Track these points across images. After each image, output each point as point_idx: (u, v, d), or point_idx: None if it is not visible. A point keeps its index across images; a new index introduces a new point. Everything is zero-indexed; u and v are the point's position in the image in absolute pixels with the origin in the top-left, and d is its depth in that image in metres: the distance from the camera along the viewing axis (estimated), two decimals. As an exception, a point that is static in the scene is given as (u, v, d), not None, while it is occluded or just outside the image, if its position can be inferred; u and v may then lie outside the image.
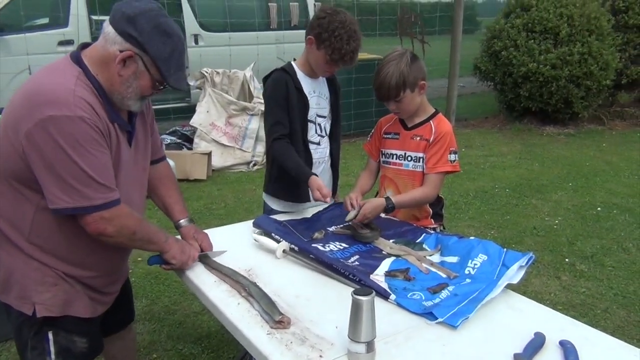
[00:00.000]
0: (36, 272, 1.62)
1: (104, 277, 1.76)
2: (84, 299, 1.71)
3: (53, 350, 1.68)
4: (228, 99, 6.00)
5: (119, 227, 1.60)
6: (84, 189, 1.50)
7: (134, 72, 1.57)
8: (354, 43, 2.16)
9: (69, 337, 1.70)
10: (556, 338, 1.47)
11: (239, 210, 4.63)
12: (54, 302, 1.65)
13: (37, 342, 1.68)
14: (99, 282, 1.75)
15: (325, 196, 2.08)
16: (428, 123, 2.18)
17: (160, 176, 1.99)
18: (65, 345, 1.70)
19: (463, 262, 1.84)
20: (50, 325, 1.67)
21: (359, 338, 1.35)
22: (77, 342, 1.72)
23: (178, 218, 2.00)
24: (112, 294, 1.87)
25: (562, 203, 4.84)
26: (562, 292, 3.32)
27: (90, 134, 1.50)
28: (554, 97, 7.12)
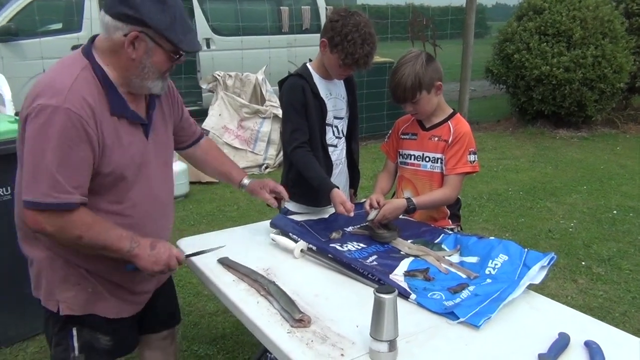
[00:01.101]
0: (61, 270, 1.62)
1: (130, 274, 1.71)
2: (108, 299, 1.70)
3: (77, 345, 1.69)
4: (240, 102, 6.02)
5: (59, 227, 1.48)
6: (39, 181, 1.44)
7: (145, 51, 1.53)
8: (368, 47, 2.11)
9: (93, 334, 1.71)
10: (581, 339, 1.45)
11: (251, 213, 4.63)
12: (76, 302, 1.65)
13: (61, 338, 1.70)
14: (125, 280, 1.72)
15: (349, 211, 2.07)
16: (446, 123, 2.17)
17: (206, 150, 2.03)
18: (89, 342, 1.70)
19: (483, 262, 1.82)
20: (75, 322, 1.68)
21: (381, 337, 1.34)
22: (101, 339, 1.72)
23: (238, 179, 2.07)
24: (144, 294, 1.82)
25: (577, 206, 4.80)
26: (579, 295, 3.29)
27: (72, 129, 1.44)
28: (567, 100, 7.07)
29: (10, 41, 6.15)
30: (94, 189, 1.55)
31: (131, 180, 1.62)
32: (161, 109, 1.76)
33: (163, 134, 1.77)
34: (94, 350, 1.72)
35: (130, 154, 1.59)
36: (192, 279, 3.37)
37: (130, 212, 1.64)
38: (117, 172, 1.57)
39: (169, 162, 1.82)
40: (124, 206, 1.63)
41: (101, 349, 1.73)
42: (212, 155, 2.07)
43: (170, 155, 1.84)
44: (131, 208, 1.64)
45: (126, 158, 1.59)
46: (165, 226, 1.81)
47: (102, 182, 1.56)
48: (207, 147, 2.06)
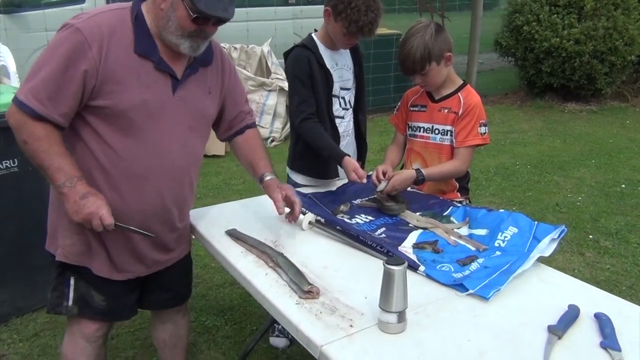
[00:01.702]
0: (66, 215, 1.62)
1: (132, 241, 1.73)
2: (101, 258, 1.71)
3: (72, 296, 1.74)
4: (246, 75, 5.96)
5: (17, 125, 1.53)
6: (28, 81, 1.52)
7: (171, 4, 1.55)
8: (372, 14, 2.08)
9: (89, 290, 1.74)
10: (590, 311, 1.45)
11: (257, 186, 4.61)
12: (72, 250, 1.69)
13: (58, 283, 1.75)
14: (127, 245, 1.73)
15: (362, 177, 2.06)
16: (456, 95, 2.13)
17: (247, 138, 1.97)
18: (84, 296, 1.74)
19: (493, 235, 1.81)
20: (74, 271, 1.72)
21: (391, 308, 1.34)
22: (95, 297, 1.75)
23: (262, 172, 1.96)
24: (148, 265, 1.81)
25: (585, 180, 4.76)
26: (586, 269, 3.29)
27: (73, 49, 1.50)
28: (577, 73, 6.96)
29: (14, 12, 6.08)
30: (102, 122, 1.58)
31: (139, 125, 1.60)
32: (205, 77, 1.75)
33: (198, 100, 1.73)
34: (88, 306, 1.75)
35: (143, 97, 1.59)
36: (200, 250, 3.37)
37: (127, 156, 1.62)
38: (119, 108, 1.56)
39: (197, 129, 1.76)
40: (124, 147, 1.61)
41: (94, 307, 1.75)
42: (249, 144, 1.98)
43: (202, 124, 1.79)
44: (130, 154, 1.62)
45: (136, 98, 1.58)
46: (176, 192, 1.75)
47: (107, 116, 1.57)
48: (249, 136, 1.99)
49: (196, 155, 1.81)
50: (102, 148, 1.61)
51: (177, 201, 1.77)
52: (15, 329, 2.64)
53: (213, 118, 1.85)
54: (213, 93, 1.79)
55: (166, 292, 1.96)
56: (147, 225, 1.71)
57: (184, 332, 2.14)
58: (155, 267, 1.84)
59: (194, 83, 1.71)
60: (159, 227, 1.76)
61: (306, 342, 1.36)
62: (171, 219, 1.79)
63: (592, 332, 1.38)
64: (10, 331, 2.64)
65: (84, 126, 1.60)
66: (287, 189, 1.92)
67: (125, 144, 1.61)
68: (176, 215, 1.80)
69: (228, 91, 1.86)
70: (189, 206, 1.88)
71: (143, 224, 1.69)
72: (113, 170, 1.62)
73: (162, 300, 1.99)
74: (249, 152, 1.98)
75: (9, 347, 2.54)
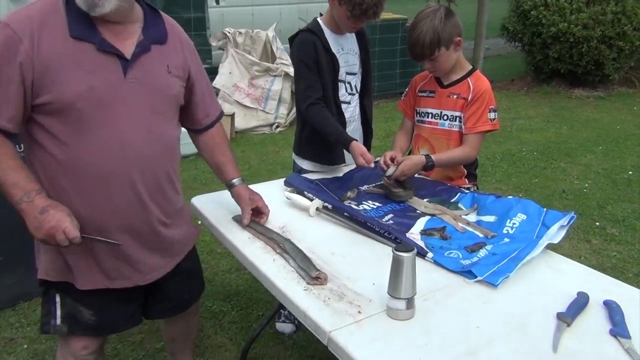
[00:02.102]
0: None
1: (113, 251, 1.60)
2: (88, 268, 1.59)
3: (59, 314, 1.65)
4: (251, 60, 5.92)
5: None
6: None
7: None
8: None
9: (76, 306, 1.64)
10: (599, 298, 1.44)
11: (262, 172, 4.62)
12: (53, 267, 1.61)
13: (44, 301, 1.68)
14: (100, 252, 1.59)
15: (369, 162, 2.04)
16: (465, 80, 2.11)
17: (212, 134, 1.85)
18: (72, 313, 1.64)
19: (501, 222, 1.80)
20: (58, 289, 1.63)
21: (399, 294, 1.34)
22: (84, 312, 1.64)
23: (230, 177, 1.87)
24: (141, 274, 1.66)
25: (592, 167, 4.74)
26: (592, 256, 3.28)
27: (4, 45, 1.39)
28: (584, 59, 6.89)
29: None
30: (53, 120, 1.45)
31: (91, 116, 1.46)
32: (161, 56, 1.59)
33: (157, 80, 1.58)
34: (77, 323, 1.65)
35: (89, 83, 1.44)
36: (206, 236, 3.38)
37: (87, 153, 1.48)
38: (65, 101, 1.43)
39: (161, 112, 1.60)
40: (81, 144, 1.47)
41: (84, 323, 1.65)
42: (215, 142, 1.86)
43: (166, 105, 1.62)
44: (89, 150, 1.48)
45: (80, 86, 1.43)
46: (150, 185, 1.59)
47: (56, 112, 1.44)
48: (215, 132, 1.86)
49: (167, 140, 1.63)
50: (60, 150, 1.47)
51: (155, 195, 1.61)
52: (23, 313, 2.66)
53: (179, 99, 1.67)
54: (174, 72, 1.62)
55: (170, 300, 1.87)
56: (127, 226, 1.58)
57: (195, 326, 2.12)
58: (152, 273, 1.70)
59: (149, 62, 1.55)
60: (141, 226, 1.61)
61: (314, 328, 1.36)
62: (153, 216, 1.62)
63: (602, 320, 1.37)
64: (18, 315, 2.66)
65: (38, 129, 1.48)
66: (258, 200, 1.89)
67: (82, 139, 1.47)
68: (157, 212, 1.63)
69: (195, 74, 1.72)
70: (172, 201, 1.70)
71: (122, 225, 1.57)
72: (77, 172, 1.49)
73: (165, 309, 1.90)
74: (216, 152, 1.87)
75: (17, 331, 2.56)
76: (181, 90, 1.67)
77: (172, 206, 1.71)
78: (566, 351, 1.26)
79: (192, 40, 1.78)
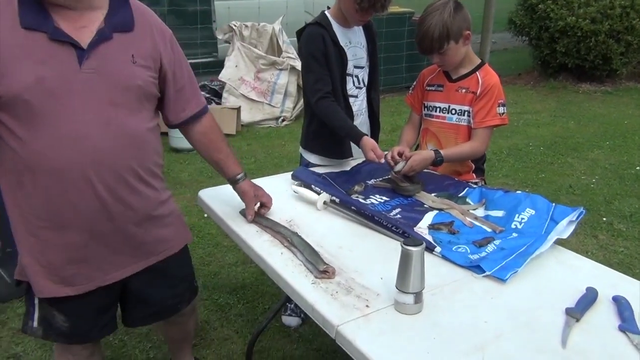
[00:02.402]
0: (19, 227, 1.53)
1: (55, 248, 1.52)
2: (41, 276, 1.53)
3: (36, 316, 1.62)
4: (257, 53, 5.91)
5: None
6: None
7: None
8: None
9: (50, 310, 1.60)
10: (609, 293, 1.44)
11: (268, 165, 4.62)
12: (21, 267, 1.56)
13: (26, 299, 1.66)
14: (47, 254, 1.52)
15: (380, 157, 2.04)
16: (474, 74, 2.10)
17: (205, 130, 1.77)
18: (46, 317, 1.61)
19: (509, 217, 1.79)
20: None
21: (408, 289, 1.34)
22: (57, 317, 1.60)
23: (234, 173, 1.83)
24: (86, 276, 1.56)
25: (599, 162, 4.71)
26: (599, 251, 3.27)
27: None
28: (592, 53, 6.84)
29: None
30: (7, 115, 1.40)
31: (41, 109, 1.39)
32: (125, 45, 1.50)
33: (118, 70, 1.49)
34: (51, 328, 1.62)
35: (38, 74, 1.37)
36: (212, 229, 3.40)
37: (42, 147, 1.41)
38: (12, 93, 1.36)
39: (123, 104, 1.50)
40: (35, 138, 1.41)
41: (57, 328, 1.61)
42: (209, 138, 1.79)
43: (128, 97, 1.51)
44: (44, 144, 1.41)
45: (28, 78, 1.37)
46: (111, 181, 1.50)
47: (7, 106, 1.39)
48: (207, 127, 1.78)
49: (129, 134, 1.52)
50: (17, 144, 1.41)
51: (118, 191, 1.52)
52: (31, 304, 2.67)
53: (146, 89, 1.56)
54: (141, 62, 1.52)
55: (149, 306, 1.78)
56: (87, 224, 1.50)
57: (192, 329, 2.09)
58: (115, 273, 1.61)
59: (110, 52, 1.46)
60: (102, 224, 1.52)
61: (322, 321, 1.36)
62: (116, 214, 1.53)
63: (611, 315, 1.37)
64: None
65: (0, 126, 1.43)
66: (262, 195, 1.87)
67: (36, 134, 1.40)
68: (122, 209, 1.54)
69: (168, 65, 1.61)
70: (145, 197, 1.59)
71: (82, 224, 1.50)
72: (34, 167, 1.43)
73: (146, 315, 1.81)
74: (210, 149, 1.80)
75: (25, 322, 2.58)
76: (149, 81, 1.56)
77: (145, 203, 1.60)
78: (575, 347, 1.25)
79: (199, 33, 1.72)
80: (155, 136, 1.63)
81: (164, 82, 1.63)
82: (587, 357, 1.22)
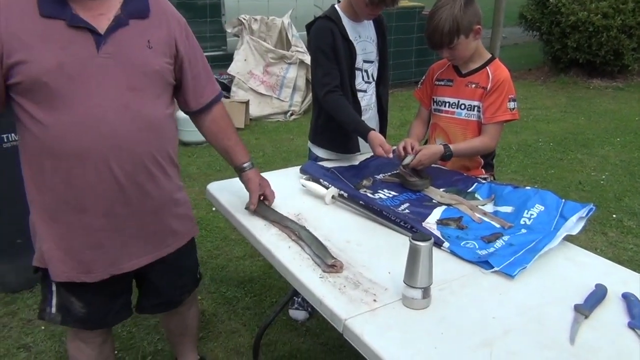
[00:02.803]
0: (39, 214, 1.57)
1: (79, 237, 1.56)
2: (61, 261, 1.56)
3: (55, 302, 1.66)
4: (266, 47, 5.91)
5: None
6: None
7: None
8: None
9: (68, 297, 1.64)
10: (618, 290, 1.43)
11: (277, 160, 4.63)
12: (40, 252, 1.59)
13: (42, 287, 1.69)
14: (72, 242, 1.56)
15: (388, 152, 2.03)
16: (484, 69, 2.08)
17: (217, 118, 1.79)
18: (65, 303, 1.65)
19: (518, 212, 1.78)
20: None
21: (415, 284, 1.33)
22: (75, 304, 1.64)
23: (241, 162, 1.85)
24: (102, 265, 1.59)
25: (609, 158, 4.68)
26: (608, 248, 3.25)
27: None
28: (604, 49, 6.80)
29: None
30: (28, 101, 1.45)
31: (61, 93, 1.43)
32: (141, 31, 1.54)
33: (134, 56, 1.52)
34: (69, 314, 1.66)
35: (59, 59, 1.41)
36: (220, 222, 3.41)
37: (61, 131, 1.45)
38: (33, 76, 1.40)
39: (140, 89, 1.53)
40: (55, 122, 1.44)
41: (75, 315, 1.66)
42: (218, 126, 1.81)
43: (146, 82, 1.54)
44: (63, 127, 1.45)
45: (49, 62, 1.40)
46: (130, 165, 1.53)
47: (29, 91, 1.43)
48: (218, 115, 1.80)
49: (147, 119, 1.54)
50: (38, 128, 1.45)
51: (136, 176, 1.55)
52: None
53: (164, 76, 1.59)
54: (156, 48, 1.55)
55: (160, 296, 1.84)
56: (106, 208, 1.53)
57: (192, 322, 2.08)
58: (130, 262, 1.64)
59: (126, 37, 1.50)
60: (120, 208, 1.55)
61: (330, 315, 1.36)
62: (133, 199, 1.56)
63: (620, 312, 1.36)
64: (35, 297, 2.70)
65: (19, 110, 1.48)
66: (266, 186, 1.89)
67: (56, 117, 1.44)
68: (140, 195, 1.57)
69: (184, 52, 1.64)
70: (162, 187, 1.63)
71: (100, 207, 1.53)
72: (54, 150, 1.47)
73: (155, 305, 1.87)
74: (220, 136, 1.82)
75: (35, 312, 2.60)
76: (166, 67, 1.59)
77: (161, 191, 1.63)
78: (583, 343, 1.25)
79: (208, 27, 1.73)
80: (172, 124, 1.67)
81: (180, 69, 1.65)
82: (595, 354, 1.22)
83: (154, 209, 1.63)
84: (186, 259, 1.85)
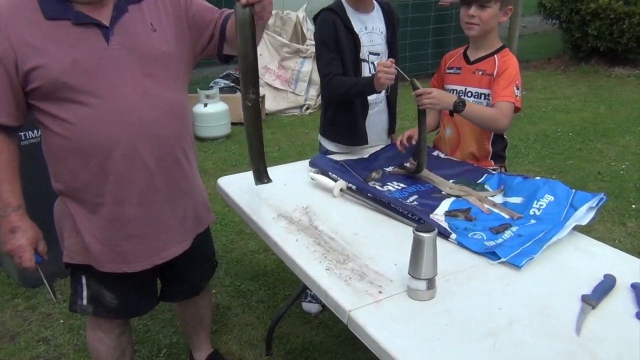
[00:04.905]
0: (67, 217, 1.62)
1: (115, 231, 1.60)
2: (104, 253, 1.62)
3: (85, 294, 1.72)
4: (281, 42, 5.92)
5: None
6: None
7: None
8: None
9: (100, 288, 1.71)
10: (628, 281, 1.40)
11: (292, 154, 4.64)
12: (74, 249, 1.65)
13: (72, 281, 1.75)
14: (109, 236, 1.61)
15: (388, 67, 1.97)
16: (492, 57, 2.06)
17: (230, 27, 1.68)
18: (96, 295, 1.71)
19: (528, 203, 1.76)
20: (84, 270, 1.69)
21: (420, 275, 1.33)
22: (107, 295, 1.71)
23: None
24: (142, 255, 1.65)
25: (630, 148, 4.59)
26: (627, 239, 3.19)
27: None
28: (625, 36, 6.65)
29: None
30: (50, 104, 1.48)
31: (82, 88, 1.45)
32: (141, 15, 1.55)
33: (142, 42, 1.54)
34: (101, 305, 1.72)
35: (72, 57, 1.43)
36: (235, 217, 3.44)
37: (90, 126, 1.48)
38: (51, 78, 1.43)
39: (155, 74, 1.55)
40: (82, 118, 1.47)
41: (107, 305, 1.73)
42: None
43: (158, 67, 1.57)
44: (91, 122, 1.47)
45: (63, 61, 1.43)
46: (158, 150, 1.57)
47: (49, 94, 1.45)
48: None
49: (167, 102, 1.58)
50: (64, 128, 1.48)
51: (162, 162, 1.59)
52: (60, 289, 2.75)
53: (172, 56, 1.60)
54: (160, 29, 1.57)
55: (184, 283, 1.92)
56: (140, 197, 1.58)
57: (206, 312, 2.13)
58: (168, 251, 1.69)
59: (130, 25, 1.52)
60: (153, 195, 1.60)
61: (335, 307, 1.37)
62: (162, 186, 1.61)
63: (628, 303, 1.34)
64: (55, 291, 2.76)
65: (41, 114, 1.51)
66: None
67: (81, 114, 1.47)
68: (169, 181, 1.62)
69: (191, 15, 1.64)
70: (186, 173, 1.68)
71: (135, 197, 1.57)
72: (83, 147, 1.50)
73: (179, 292, 1.95)
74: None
75: (54, 306, 2.66)
76: (175, 44, 1.60)
77: (184, 176, 1.68)
78: (590, 334, 1.23)
79: None
80: (189, 109, 1.73)
81: (194, 24, 1.65)
82: (602, 344, 1.20)
83: (179, 194, 1.68)
84: (206, 245, 1.93)
